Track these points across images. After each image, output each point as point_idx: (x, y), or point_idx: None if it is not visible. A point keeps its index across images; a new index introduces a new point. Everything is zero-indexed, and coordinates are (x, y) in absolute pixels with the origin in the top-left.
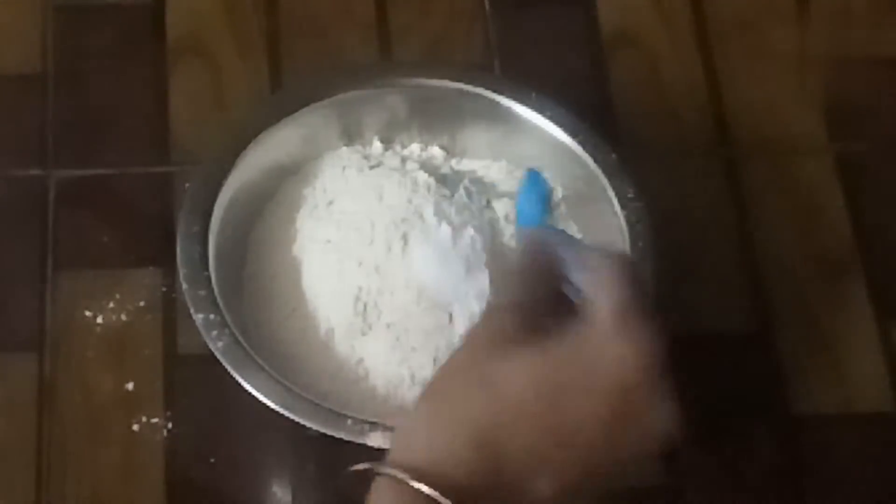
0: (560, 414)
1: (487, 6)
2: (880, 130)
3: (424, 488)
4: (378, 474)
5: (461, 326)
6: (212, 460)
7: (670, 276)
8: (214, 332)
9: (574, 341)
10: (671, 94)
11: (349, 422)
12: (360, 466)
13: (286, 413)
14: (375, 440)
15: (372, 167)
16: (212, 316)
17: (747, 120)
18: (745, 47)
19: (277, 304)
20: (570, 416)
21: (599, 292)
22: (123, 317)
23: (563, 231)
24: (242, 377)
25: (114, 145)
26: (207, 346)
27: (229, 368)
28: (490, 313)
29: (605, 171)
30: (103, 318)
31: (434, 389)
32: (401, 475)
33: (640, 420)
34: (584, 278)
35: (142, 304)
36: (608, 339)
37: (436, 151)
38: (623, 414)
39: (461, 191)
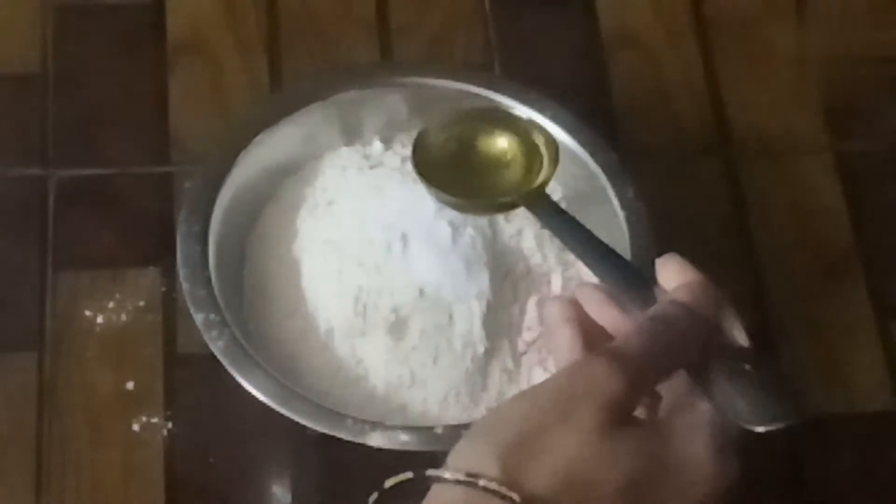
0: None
1: (487, 6)
2: (880, 130)
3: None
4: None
5: (461, 326)
6: (212, 460)
7: None
8: (214, 332)
9: (672, 440)
10: (671, 94)
11: (349, 422)
12: (449, 476)
13: (286, 413)
14: (375, 440)
15: (372, 167)
16: (212, 316)
17: (747, 120)
18: (745, 47)
19: (277, 304)
20: None
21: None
22: (123, 317)
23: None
24: (242, 377)
25: (114, 145)
26: (207, 346)
27: (229, 368)
28: (609, 369)
29: (605, 171)
30: (103, 318)
31: (535, 421)
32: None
33: None
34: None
35: (142, 304)
36: (704, 453)
37: None
38: None
39: None
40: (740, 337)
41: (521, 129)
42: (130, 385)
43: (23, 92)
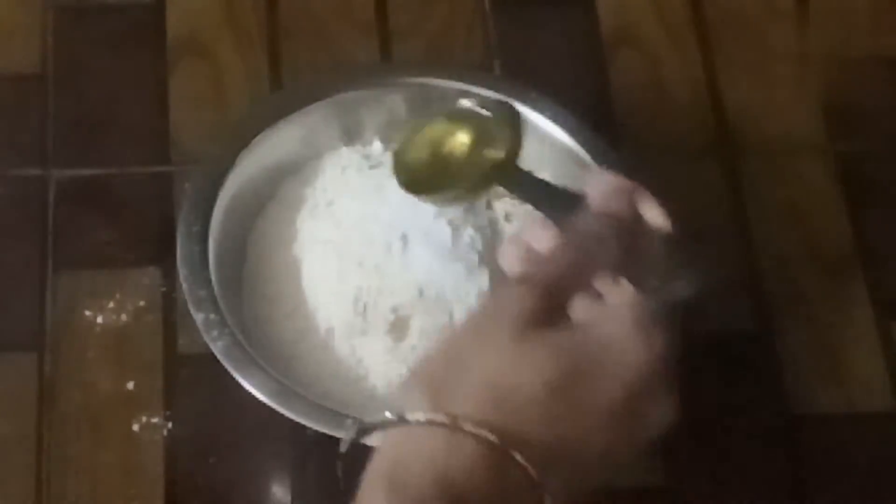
0: (567, 405)
1: (487, 6)
2: (880, 130)
3: (486, 434)
4: (416, 422)
5: None
6: (212, 460)
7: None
8: (214, 332)
9: (591, 330)
10: (671, 94)
11: (349, 422)
12: (383, 420)
13: (286, 413)
14: (375, 440)
15: (372, 167)
16: (212, 316)
17: (747, 120)
18: (745, 47)
19: (277, 304)
20: (575, 407)
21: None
22: (123, 317)
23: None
24: (242, 377)
25: (114, 145)
26: (207, 346)
27: (229, 368)
28: (520, 289)
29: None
30: (103, 318)
31: (454, 349)
32: (456, 422)
33: (640, 413)
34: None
35: (142, 304)
36: (625, 333)
37: None
38: (625, 407)
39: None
40: (658, 219)
41: (483, 118)
42: (130, 385)
43: (23, 92)
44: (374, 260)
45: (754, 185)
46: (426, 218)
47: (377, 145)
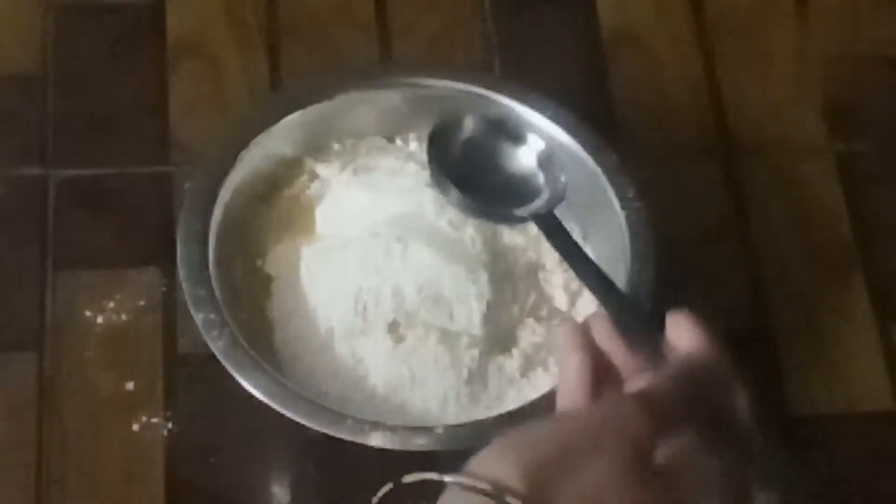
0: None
1: (487, 6)
2: (880, 130)
3: None
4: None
5: (461, 326)
6: (212, 460)
7: (670, 275)
8: (214, 332)
9: (685, 494)
10: (671, 94)
11: (349, 422)
12: (476, 484)
13: (286, 413)
14: (376, 440)
15: (372, 167)
16: (212, 316)
17: (747, 120)
18: (745, 47)
19: (277, 305)
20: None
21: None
22: (123, 317)
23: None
24: (242, 377)
25: (114, 145)
26: (207, 346)
27: (229, 368)
28: (638, 411)
29: (605, 171)
30: (103, 318)
31: (564, 446)
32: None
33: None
34: None
35: (142, 304)
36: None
37: None
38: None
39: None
40: (743, 409)
41: (540, 148)
42: (130, 385)
43: (23, 92)
44: (374, 260)
45: (754, 185)
46: (426, 218)
47: (377, 145)
